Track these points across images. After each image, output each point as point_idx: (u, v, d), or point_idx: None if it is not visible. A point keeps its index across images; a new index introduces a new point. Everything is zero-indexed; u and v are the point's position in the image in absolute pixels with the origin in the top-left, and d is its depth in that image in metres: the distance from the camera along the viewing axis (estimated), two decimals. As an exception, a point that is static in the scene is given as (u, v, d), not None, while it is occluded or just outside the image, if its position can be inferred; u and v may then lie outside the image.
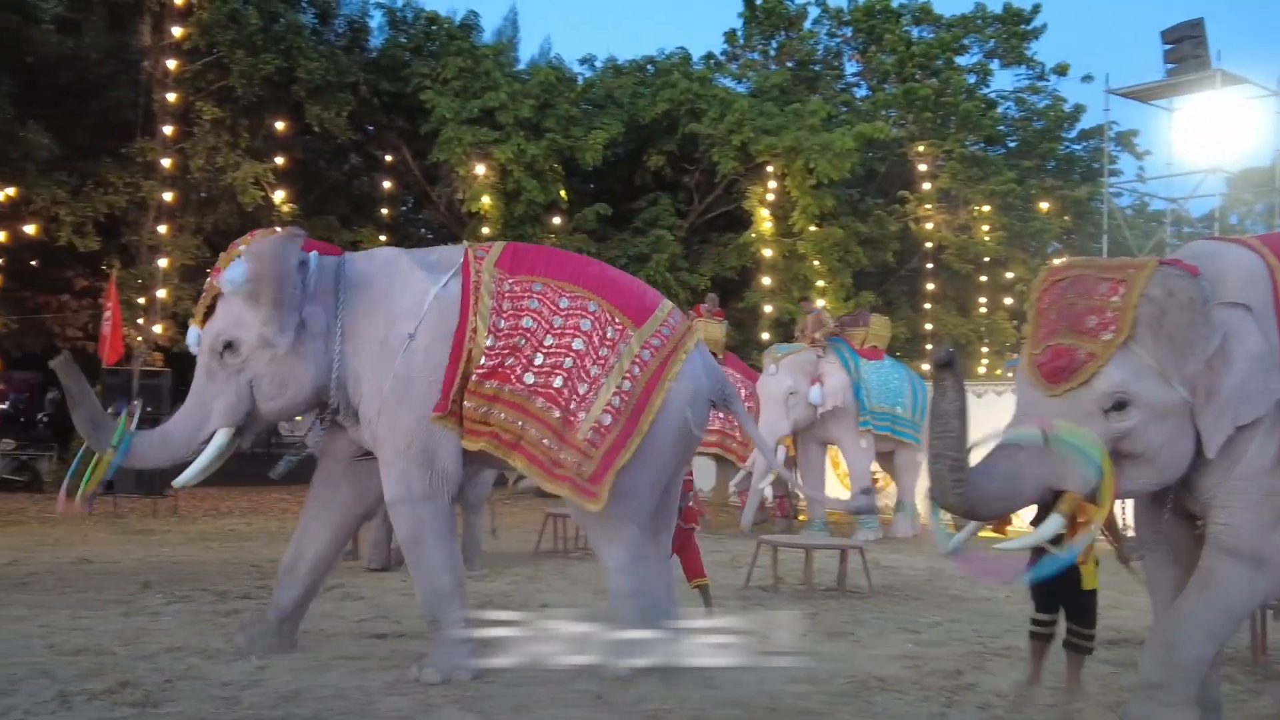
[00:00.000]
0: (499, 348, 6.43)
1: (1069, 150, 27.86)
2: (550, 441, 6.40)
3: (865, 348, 15.07)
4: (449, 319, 6.45)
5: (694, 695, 6.09)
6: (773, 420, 13.93)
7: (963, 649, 7.54)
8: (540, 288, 6.63)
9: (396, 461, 6.34)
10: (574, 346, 6.47)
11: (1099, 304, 4.82)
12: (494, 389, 6.40)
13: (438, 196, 20.84)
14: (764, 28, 26.25)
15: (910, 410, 14.99)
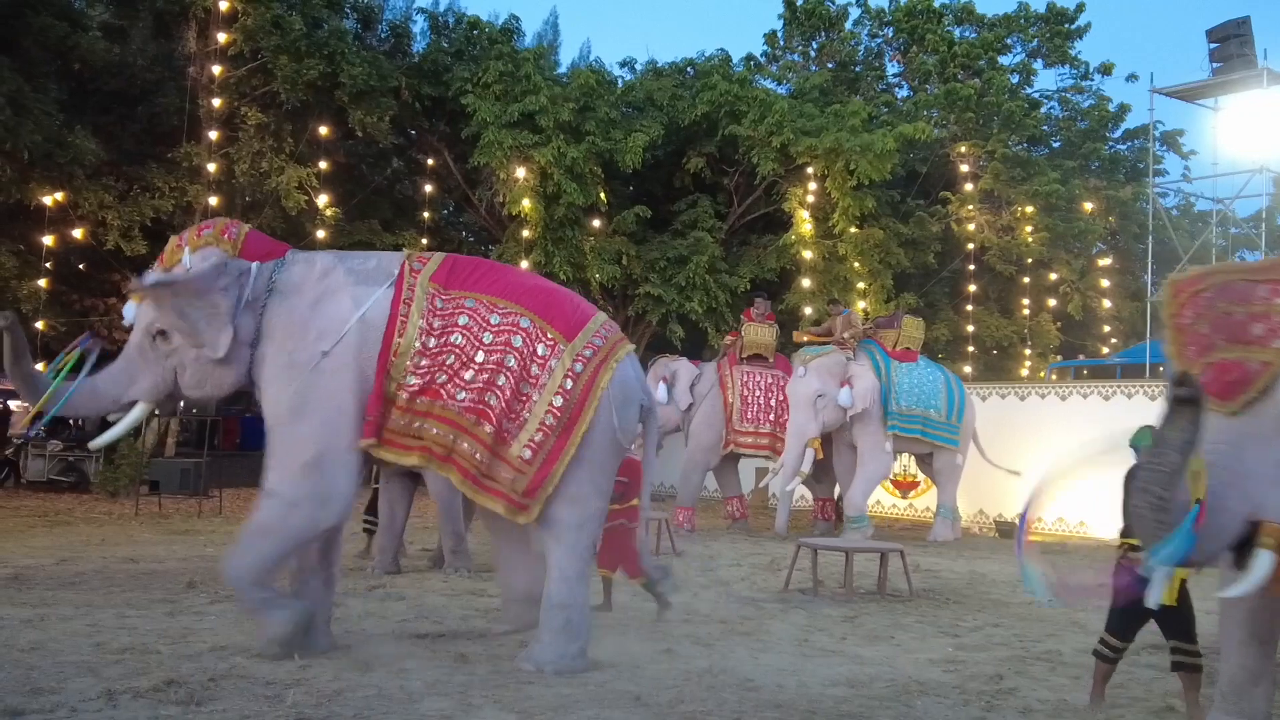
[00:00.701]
0: (428, 366, 6.59)
1: (1113, 150, 27.54)
2: (483, 456, 6.60)
3: (898, 349, 14.98)
4: (372, 340, 6.61)
5: (732, 697, 6.09)
6: (801, 423, 13.95)
7: (1004, 653, 7.49)
8: (472, 304, 6.76)
9: (287, 463, 6.53)
10: (507, 364, 6.63)
11: (1261, 309, 4.49)
12: (426, 405, 6.60)
13: (479, 200, 20.95)
14: (804, 29, 26.18)
15: (945, 413, 14.86)
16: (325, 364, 6.55)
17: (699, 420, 15.47)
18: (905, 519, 17.32)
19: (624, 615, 8.41)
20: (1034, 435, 15.72)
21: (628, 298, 20.62)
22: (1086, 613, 8.91)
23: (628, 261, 19.83)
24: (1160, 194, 24.33)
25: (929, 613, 9.05)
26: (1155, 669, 6.99)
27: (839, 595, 9.66)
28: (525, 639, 7.05)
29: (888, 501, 17.96)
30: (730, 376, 15.46)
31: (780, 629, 8.13)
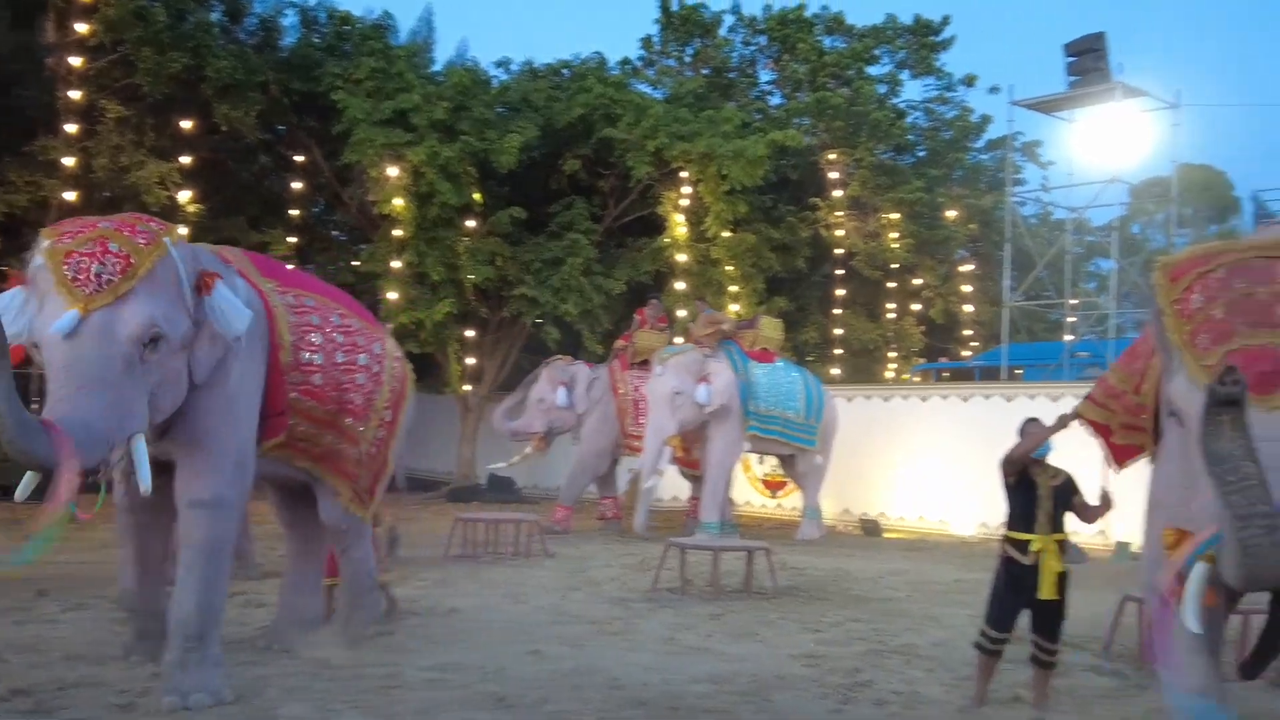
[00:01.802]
0: (305, 364, 6.52)
1: (976, 160, 28.46)
2: (351, 452, 6.78)
3: (755, 350, 15.16)
4: (265, 328, 6.33)
5: (598, 696, 6.16)
6: (659, 421, 13.96)
7: (862, 648, 7.73)
8: (313, 303, 6.80)
9: (224, 462, 5.95)
10: (359, 362, 6.80)
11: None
12: (310, 408, 6.56)
13: (349, 198, 20.62)
14: (680, 34, 26.42)
15: (804, 414, 15.09)
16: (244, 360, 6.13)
17: (592, 424, 15.51)
18: (774, 518, 17.65)
19: (491, 617, 8.42)
20: (898, 436, 16.23)
21: (502, 299, 20.54)
22: (943, 607, 9.27)
23: (502, 263, 19.76)
24: (1019, 203, 25.27)
25: (793, 609, 9.27)
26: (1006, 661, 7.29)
27: (706, 594, 9.83)
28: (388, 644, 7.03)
29: (757, 501, 18.29)
30: (622, 381, 15.54)
31: (648, 628, 8.24)
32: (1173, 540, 4.02)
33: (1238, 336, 3.87)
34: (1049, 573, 5.97)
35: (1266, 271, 4.00)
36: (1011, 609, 6.11)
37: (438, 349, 19.97)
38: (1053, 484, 6.11)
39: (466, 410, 21.08)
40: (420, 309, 18.55)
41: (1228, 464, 3.47)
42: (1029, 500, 6.08)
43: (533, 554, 12.19)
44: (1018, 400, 15.27)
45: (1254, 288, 3.95)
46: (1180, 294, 4.11)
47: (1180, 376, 4.02)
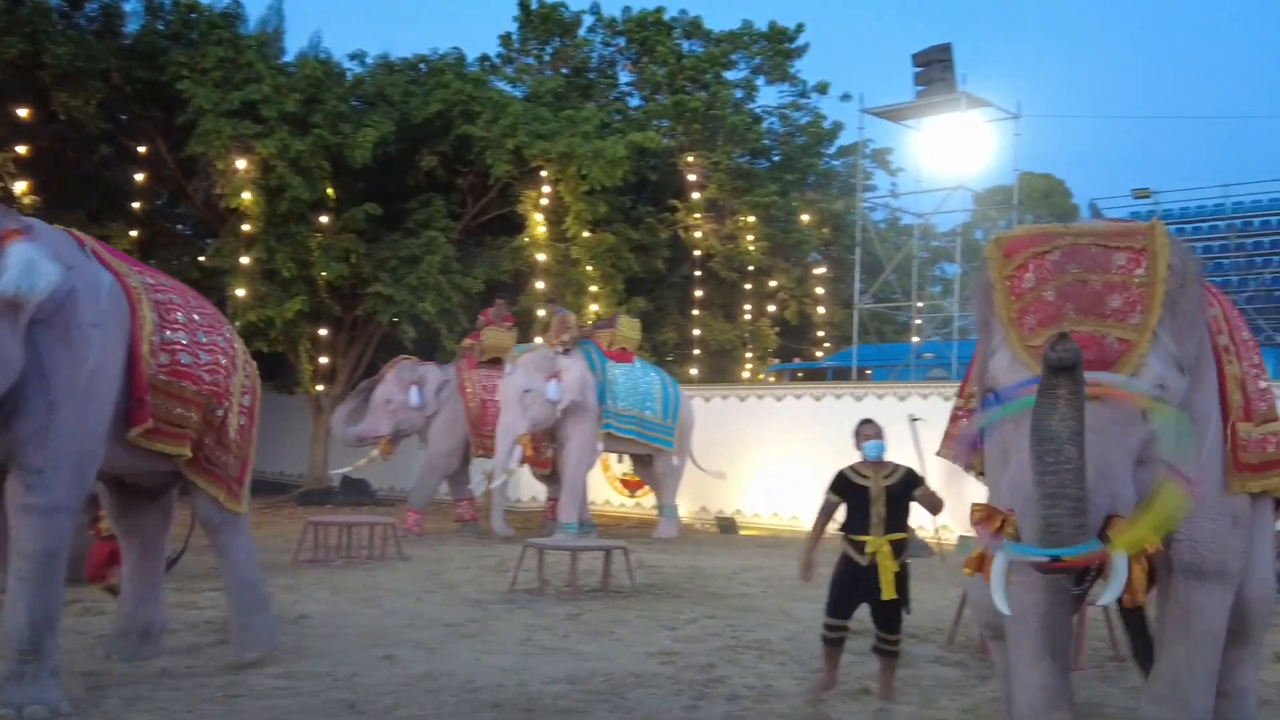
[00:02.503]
0: (172, 343, 6.23)
1: (828, 165, 29.17)
2: (211, 441, 6.53)
3: (613, 350, 15.24)
4: (124, 311, 5.97)
5: (452, 700, 6.10)
6: (511, 420, 13.88)
7: (717, 643, 7.83)
8: (168, 283, 6.62)
9: (63, 466, 5.54)
10: (219, 344, 6.62)
11: (1120, 279, 3.85)
12: (181, 389, 6.25)
13: (194, 191, 19.90)
14: (539, 33, 26.33)
15: (661, 414, 15.23)
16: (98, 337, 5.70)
17: (439, 425, 15.27)
18: (633, 517, 17.75)
19: (342, 623, 8.24)
20: (754, 435, 16.50)
21: (357, 297, 20.12)
22: (796, 602, 9.46)
23: (357, 260, 19.36)
24: (869, 208, 26.05)
25: (649, 607, 9.33)
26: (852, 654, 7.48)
27: (564, 594, 9.82)
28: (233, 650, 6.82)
29: (616, 500, 18.36)
30: (469, 380, 15.35)
31: (504, 629, 8.19)
32: (980, 516, 3.91)
33: (1066, 321, 3.78)
34: (886, 573, 6.09)
35: (1103, 260, 3.91)
36: (848, 601, 6.28)
37: (288, 348, 19.46)
38: (886, 484, 6.19)
39: (319, 411, 20.57)
40: (270, 306, 18.02)
41: (1052, 444, 3.45)
42: (862, 502, 6.17)
43: (387, 557, 11.99)
44: (867, 400, 15.71)
45: (1088, 274, 3.87)
46: (1013, 271, 4.01)
47: (1002, 354, 3.92)
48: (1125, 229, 4.13)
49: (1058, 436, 3.43)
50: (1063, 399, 3.42)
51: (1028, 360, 3.78)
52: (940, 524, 11.43)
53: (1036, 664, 4.37)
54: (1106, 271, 3.89)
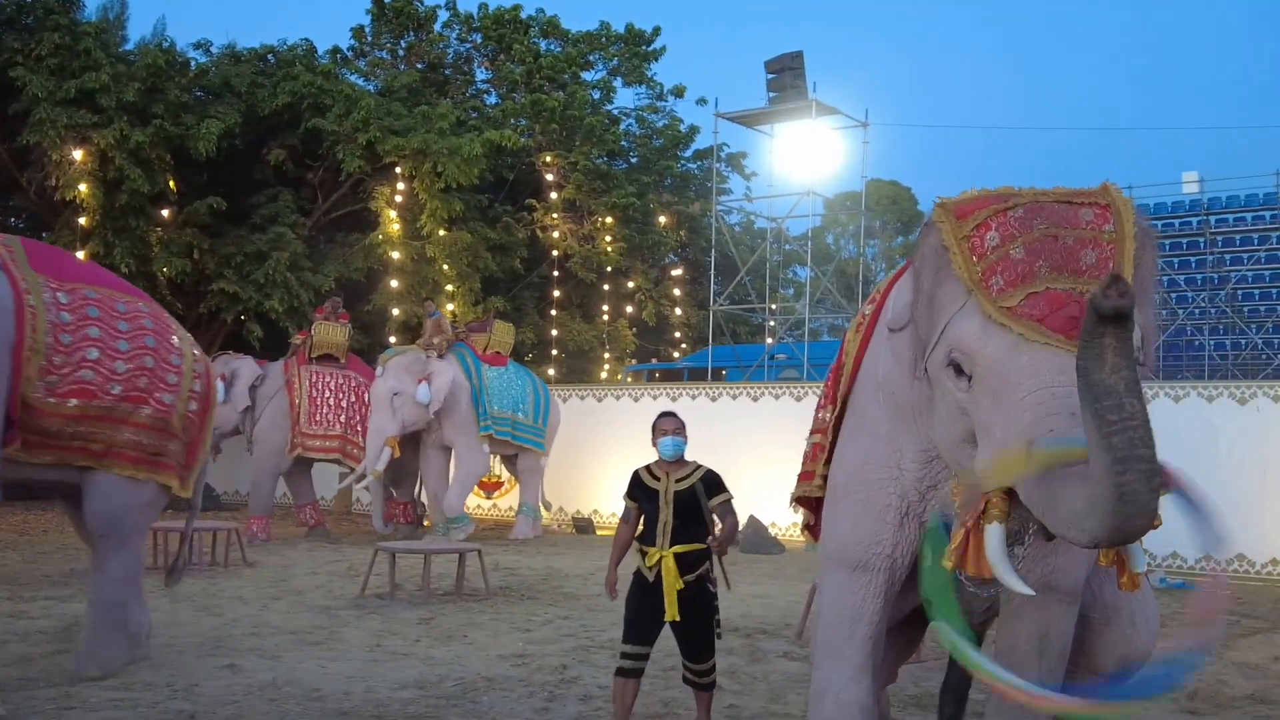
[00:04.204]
0: (72, 362, 6.13)
1: (685, 168, 29.49)
2: (149, 438, 6.48)
3: (488, 353, 15.21)
4: (7, 325, 5.85)
5: (296, 709, 5.91)
6: (380, 422, 13.78)
7: (570, 644, 7.80)
8: (94, 294, 6.46)
9: None
10: (148, 344, 6.54)
11: (1090, 235, 3.62)
12: (78, 407, 6.17)
13: (27, 182, 18.92)
14: (393, 27, 25.87)
15: (532, 416, 15.29)
16: None
17: (265, 423, 14.75)
18: (490, 519, 17.59)
19: (182, 632, 7.93)
20: (611, 435, 16.53)
21: (200, 294, 19.41)
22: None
23: (200, 255, 18.69)
24: (724, 211, 26.43)
25: (504, 609, 9.25)
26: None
27: (416, 598, 9.65)
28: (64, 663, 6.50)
29: (473, 502, 18.13)
30: (298, 377, 14.90)
31: (353, 635, 7.99)
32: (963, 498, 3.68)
33: (1039, 279, 3.51)
34: (669, 591, 5.27)
35: (1069, 216, 3.64)
36: (642, 624, 5.41)
37: (127, 346, 18.63)
38: (677, 487, 5.44)
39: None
40: (107, 303, 17.24)
41: (1110, 399, 3.01)
42: (653, 508, 5.45)
43: (231, 564, 11.60)
44: (722, 400, 15.93)
45: (1057, 230, 3.59)
46: (971, 231, 3.67)
47: (969, 319, 3.58)
48: (1079, 190, 3.84)
49: (1115, 390, 3.00)
50: (1110, 349, 3.01)
51: (1006, 321, 3.47)
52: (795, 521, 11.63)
53: (859, 678, 4.24)
54: (1076, 227, 3.62)
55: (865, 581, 4.26)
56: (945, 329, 3.67)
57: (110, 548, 6.59)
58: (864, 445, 4.31)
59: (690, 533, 5.36)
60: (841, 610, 4.33)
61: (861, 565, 4.27)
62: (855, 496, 4.30)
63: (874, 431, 4.28)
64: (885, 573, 4.26)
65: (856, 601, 4.29)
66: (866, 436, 4.31)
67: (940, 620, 3.70)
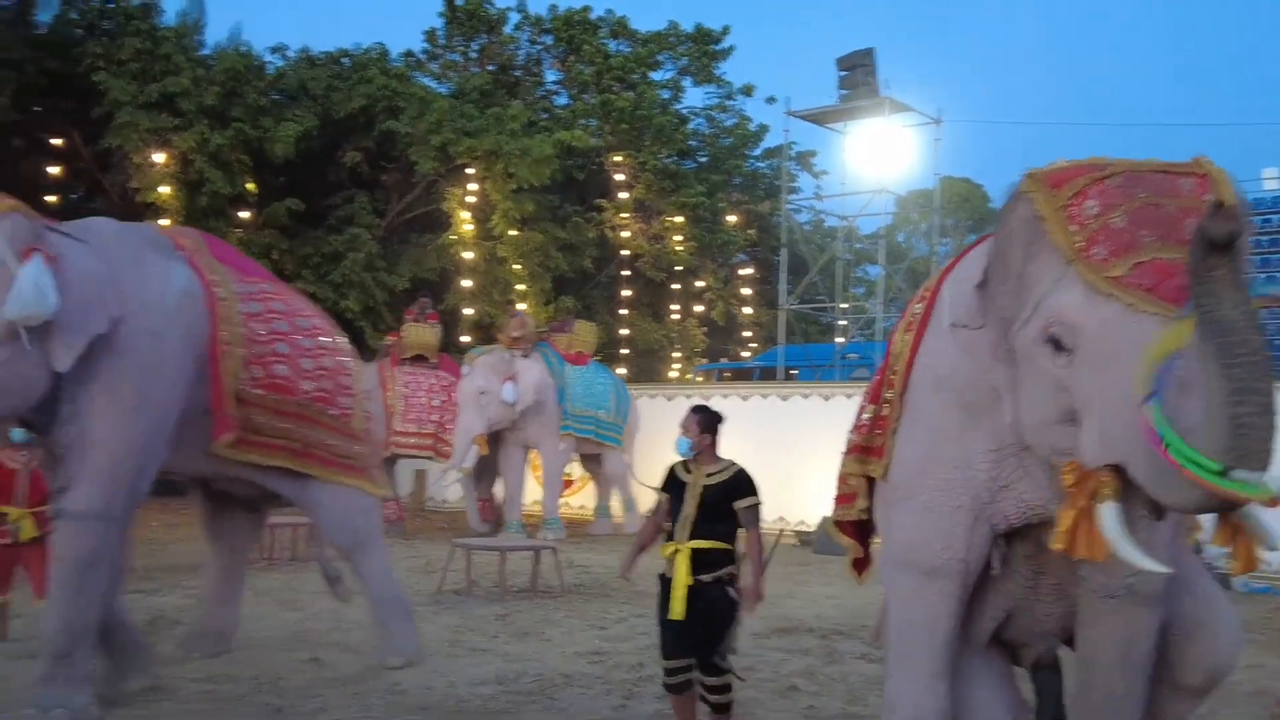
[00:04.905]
0: (267, 355, 6.15)
1: (754, 167, 29.40)
2: (337, 440, 6.53)
3: (570, 352, 15.32)
4: (199, 320, 5.83)
5: (379, 702, 6.01)
6: (467, 421, 13.93)
7: (645, 642, 7.80)
8: (272, 289, 6.55)
9: (105, 472, 5.42)
10: (324, 344, 6.59)
11: (1193, 204, 3.43)
12: (278, 402, 6.19)
13: (110, 185, 19.44)
14: (465, 29, 26.14)
15: (613, 414, 15.40)
16: (160, 345, 5.58)
17: None
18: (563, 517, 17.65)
19: (265, 626, 8.09)
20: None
21: (278, 294, 19.81)
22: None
23: (279, 256, 19.03)
24: (794, 210, 26.29)
25: (579, 607, 9.29)
26: (781, 650, 7.53)
27: (492, 594, 9.74)
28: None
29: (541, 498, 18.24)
30: (392, 377, 15.18)
31: (432, 631, 8.07)
32: (1076, 477, 3.47)
33: (1146, 249, 3.36)
34: (677, 586, 4.98)
35: (1169, 186, 3.50)
36: (675, 631, 5.05)
37: (209, 346, 19.07)
38: (706, 482, 5.17)
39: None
40: (190, 304, 17.66)
41: (1235, 334, 2.89)
42: (679, 501, 5.18)
43: (309, 559, 11.78)
44: (793, 399, 15.84)
45: (1158, 199, 3.44)
46: (1068, 200, 3.51)
47: (1073, 291, 3.42)
48: (1173, 162, 3.68)
49: (1235, 324, 2.88)
50: (1224, 281, 2.89)
51: (1114, 291, 3.31)
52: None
53: (935, 686, 4.10)
54: (1177, 196, 3.46)
55: (938, 588, 4.11)
56: (1041, 303, 3.51)
57: (360, 553, 6.80)
58: (925, 444, 4.16)
59: (712, 530, 5.08)
60: (914, 617, 4.20)
61: (933, 570, 4.11)
62: (921, 498, 4.15)
63: (937, 429, 4.14)
64: (959, 578, 4.10)
65: (929, 608, 4.15)
66: (927, 435, 4.17)
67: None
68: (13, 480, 7.14)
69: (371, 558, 6.86)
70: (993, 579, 4.18)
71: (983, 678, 4.31)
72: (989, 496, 4.02)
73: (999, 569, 4.14)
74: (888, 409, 4.35)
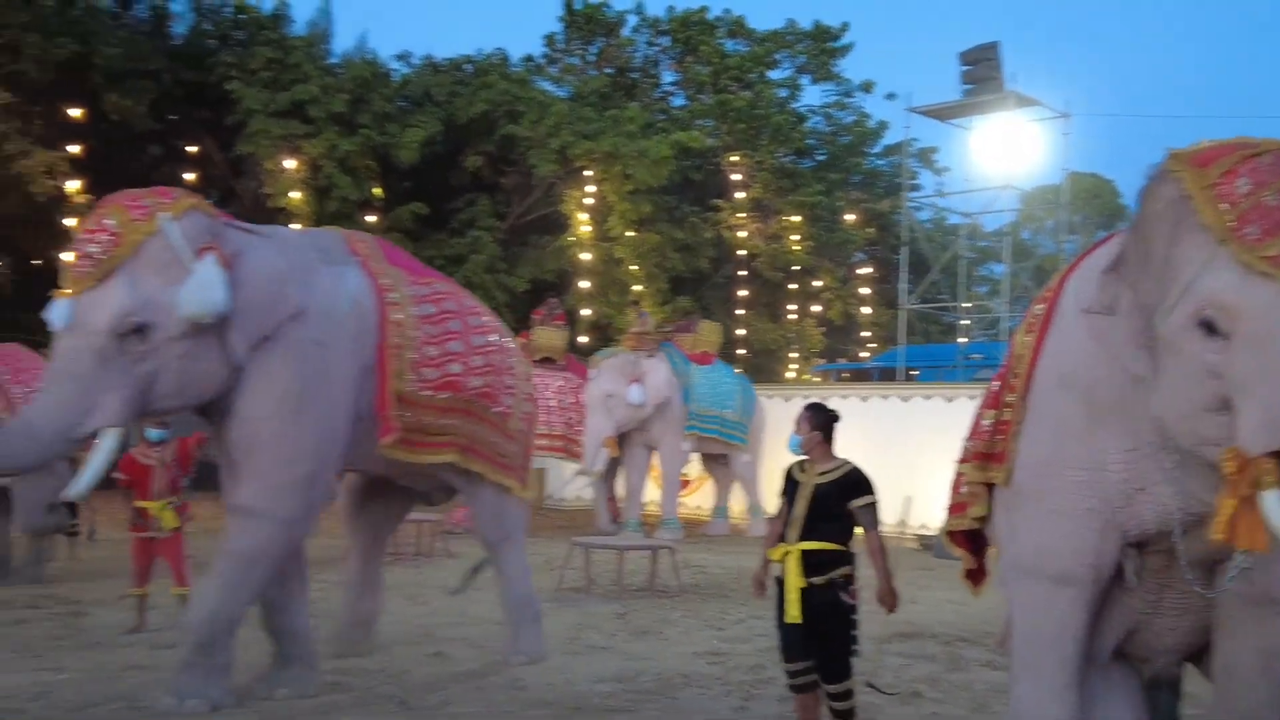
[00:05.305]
0: (441, 354, 6.22)
1: (873, 165, 29.03)
2: (497, 438, 6.62)
3: (695, 352, 15.34)
4: (368, 328, 5.92)
5: (501, 697, 6.09)
6: (596, 423, 14.03)
7: (764, 643, 7.75)
8: (444, 289, 6.64)
9: (275, 474, 5.54)
10: (492, 342, 6.68)
11: None
12: (449, 400, 6.25)
13: (243, 190, 20.17)
14: (583, 33, 26.43)
15: (739, 413, 15.36)
16: (327, 351, 5.69)
17: None
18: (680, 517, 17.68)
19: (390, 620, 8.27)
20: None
21: (403, 296, 20.28)
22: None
23: (403, 259, 19.50)
24: (915, 207, 25.85)
25: (696, 607, 9.29)
26: (903, 656, 7.40)
27: (610, 593, 9.80)
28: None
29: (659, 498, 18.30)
30: None
31: (552, 628, 8.14)
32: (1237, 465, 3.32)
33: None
34: (790, 590, 4.86)
35: None
36: (790, 632, 4.94)
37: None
38: (817, 481, 5.01)
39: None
40: (318, 306, 18.20)
41: None
42: (792, 502, 5.05)
43: (434, 555, 12.02)
44: (914, 400, 15.57)
45: None
46: (1219, 178, 3.37)
47: (1227, 272, 3.31)
48: None
49: None
50: None
51: (1269, 270, 3.21)
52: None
53: (1065, 697, 3.98)
54: None
55: (1069, 595, 3.95)
56: (1190, 287, 3.38)
57: (505, 551, 6.95)
58: (1051, 445, 4.00)
59: (822, 531, 4.90)
60: (1042, 625, 4.04)
61: (1063, 577, 3.95)
62: (1047, 501, 3.99)
63: (1063, 429, 3.98)
64: (1090, 585, 3.94)
65: (1059, 616, 3.98)
66: (1053, 436, 4.01)
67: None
68: (150, 476, 7.46)
69: (514, 555, 6.99)
70: (1116, 594, 4.02)
71: (1107, 697, 4.14)
72: (1122, 500, 3.85)
73: (1134, 581, 3.96)
74: (1009, 413, 4.20)
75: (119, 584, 9.40)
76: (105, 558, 10.95)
